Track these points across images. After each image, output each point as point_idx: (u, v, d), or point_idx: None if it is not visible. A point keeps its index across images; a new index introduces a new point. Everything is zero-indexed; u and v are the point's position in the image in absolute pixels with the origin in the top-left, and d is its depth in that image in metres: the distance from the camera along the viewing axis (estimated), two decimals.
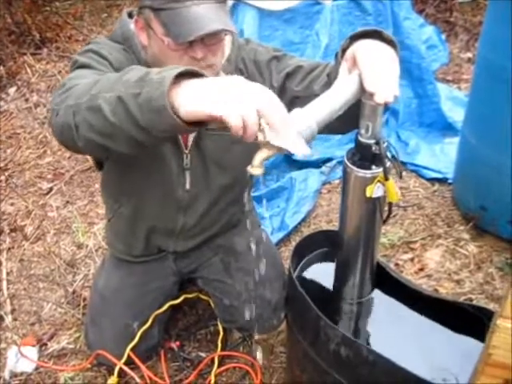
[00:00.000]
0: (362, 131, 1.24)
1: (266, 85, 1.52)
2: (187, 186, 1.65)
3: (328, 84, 1.38)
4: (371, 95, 1.15)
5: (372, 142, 1.24)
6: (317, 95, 1.39)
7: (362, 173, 1.28)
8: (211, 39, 1.35)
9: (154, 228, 1.77)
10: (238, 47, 1.56)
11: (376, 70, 1.15)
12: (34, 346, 2.04)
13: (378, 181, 1.27)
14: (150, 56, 1.45)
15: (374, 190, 1.28)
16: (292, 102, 1.50)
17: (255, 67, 1.55)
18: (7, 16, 3.91)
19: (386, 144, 1.24)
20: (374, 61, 1.17)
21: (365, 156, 1.27)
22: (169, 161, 1.59)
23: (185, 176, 1.63)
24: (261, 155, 1.07)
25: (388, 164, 1.25)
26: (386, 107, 1.22)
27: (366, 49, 1.20)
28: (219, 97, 1.00)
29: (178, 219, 1.73)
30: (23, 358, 1.99)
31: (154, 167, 1.60)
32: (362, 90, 1.17)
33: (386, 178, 1.26)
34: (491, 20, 2.08)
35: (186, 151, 1.59)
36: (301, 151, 1.02)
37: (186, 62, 1.37)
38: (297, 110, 1.11)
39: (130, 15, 1.53)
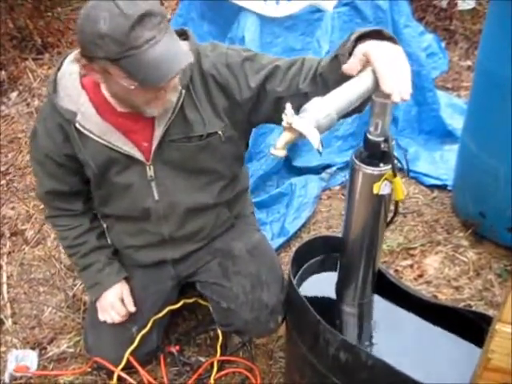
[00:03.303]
0: (372, 129, 1.26)
1: (242, 86, 1.53)
2: (156, 197, 1.67)
3: (322, 83, 1.38)
4: (388, 95, 1.17)
5: (381, 139, 1.26)
6: (304, 93, 1.42)
7: (370, 170, 1.29)
8: None
9: (143, 243, 1.81)
10: (199, 55, 1.54)
11: (393, 71, 1.18)
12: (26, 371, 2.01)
13: (386, 178, 1.28)
14: (107, 91, 1.49)
15: (382, 187, 1.29)
16: (276, 102, 1.50)
17: (228, 71, 1.53)
18: (9, 21, 3.91)
19: (394, 142, 1.27)
20: (390, 62, 1.19)
21: (373, 154, 1.28)
22: (132, 175, 1.63)
23: (151, 187, 1.65)
24: (283, 138, 1.12)
25: (395, 161, 1.27)
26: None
27: (379, 50, 1.22)
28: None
29: (162, 229, 1.75)
30: (23, 363, 2.00)
31: (119, 185, 1.66)
32: (375, 85, 1.20)
33: (395, 175, 1.28)
34: (490, 28, 2.09)
35: (148, 163, 1.61)
36: (316, 142, 1.09)
37: (150, 95, 1.41)
38: (317, 99, 1.14)
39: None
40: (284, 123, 1.11)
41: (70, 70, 1.54)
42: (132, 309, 1.84)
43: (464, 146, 2.34)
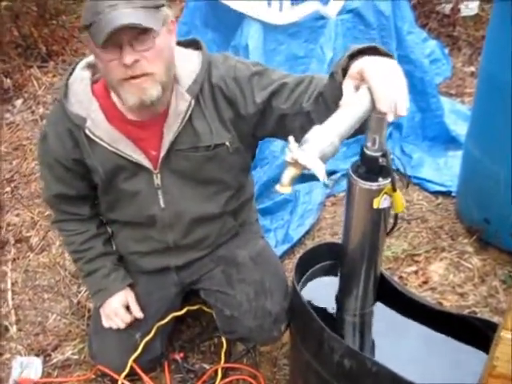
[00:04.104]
0: (369, 144, 1.24)
1: (248, 101, 1.53)
2: (162, 205, 1.67)
3: (322, 102, 1.38)
4: (385, 113, 1.15)
5: (379, 154, 1.24)
6: (306, 112, 1.42)
7: (368, 185, 1.28)
8: (139, 43, 1.35)
9: (147, 250, 1.82)
10: (210, 66, 1.55)
11: (388, 89, 1.15)
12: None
13: (385, 192, 1.28)
14: (101, 73, 1.53)
15: (381, 202, 1.29)
16: (279, 119, 1.51)
17: (235, 84, 1.53)
18: (14, 29, 3.94)
19: (392, 156, 1.25)
20: (385, 79, 1.17)
21: (371, 168, 1.27)
22: (139, 183, 1.64)
23: (158, 195, 1.66)
24: (289, 174, 1.10)
25: (394, 175, 1.26)
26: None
27: (374, 67, 1.19)
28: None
29: (167, 237, 1.76)
30: (27, 370, 2.00)
31: (126, 192, 1.66)
32: (372, 105, 1.17)
33: (394, 190, 1.27)
34: (494, 33, 2.09)
35: (156, 171, 1.61)
36: (322, 174, 1.07)
37: (121, 72, 1.37)
38: (317, 128, 1.12)
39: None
40: (288, 158, 1.08)
41: (82, 75, 1.56)
42: (139, 315, 1.84)
43: (468, 152, 2.34)
